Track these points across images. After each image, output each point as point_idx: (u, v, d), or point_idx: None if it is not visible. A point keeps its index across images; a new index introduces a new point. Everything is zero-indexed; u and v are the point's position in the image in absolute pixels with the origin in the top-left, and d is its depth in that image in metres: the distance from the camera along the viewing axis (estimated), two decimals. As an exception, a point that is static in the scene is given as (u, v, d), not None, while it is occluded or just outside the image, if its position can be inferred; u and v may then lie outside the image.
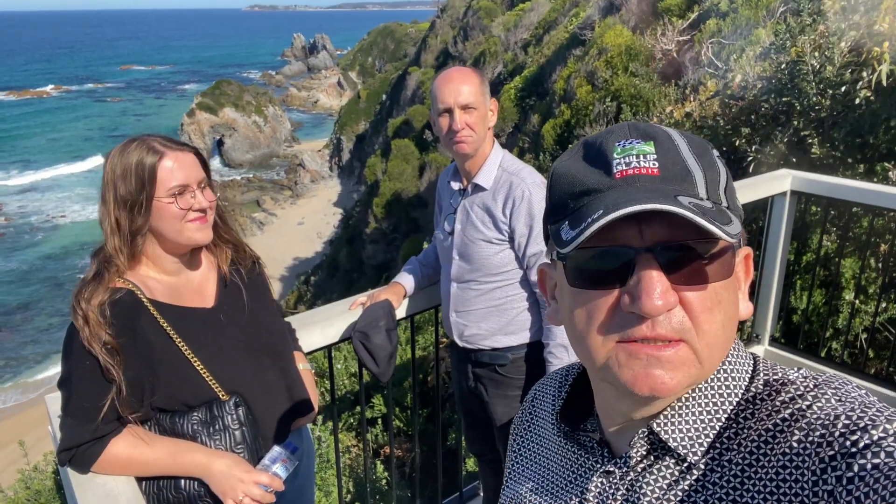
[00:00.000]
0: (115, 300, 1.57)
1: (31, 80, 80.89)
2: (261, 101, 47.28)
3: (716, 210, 0.65)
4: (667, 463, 0.71)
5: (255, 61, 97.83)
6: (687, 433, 0.70)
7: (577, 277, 0.69)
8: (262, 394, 1.77)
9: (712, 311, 0.66)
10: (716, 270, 0.66)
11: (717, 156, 0.72)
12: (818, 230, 3.92)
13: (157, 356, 1.62)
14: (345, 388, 5.16)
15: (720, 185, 0.69)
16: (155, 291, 1.67)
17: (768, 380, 0.72)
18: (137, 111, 63.09)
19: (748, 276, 0.75)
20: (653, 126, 0.71)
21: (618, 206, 0.62)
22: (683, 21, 11.45)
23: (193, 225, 1.65)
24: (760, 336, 4.01)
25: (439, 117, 2.23)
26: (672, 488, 0.70)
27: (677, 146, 0.69)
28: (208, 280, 1.81)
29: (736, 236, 0.64)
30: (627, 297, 0.65)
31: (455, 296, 2.39)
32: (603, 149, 0.69)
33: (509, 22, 22.65)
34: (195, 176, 1.66)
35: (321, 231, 34.18)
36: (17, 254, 32.25)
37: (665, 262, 0.64)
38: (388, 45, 56.18)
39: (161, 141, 1.66)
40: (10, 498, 3.03)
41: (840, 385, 0.68)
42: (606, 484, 0.76)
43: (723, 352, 0.69)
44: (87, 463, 1.57)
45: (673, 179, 0.66)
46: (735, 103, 5.16)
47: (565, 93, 13.21)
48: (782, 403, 0.68)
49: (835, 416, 0.62)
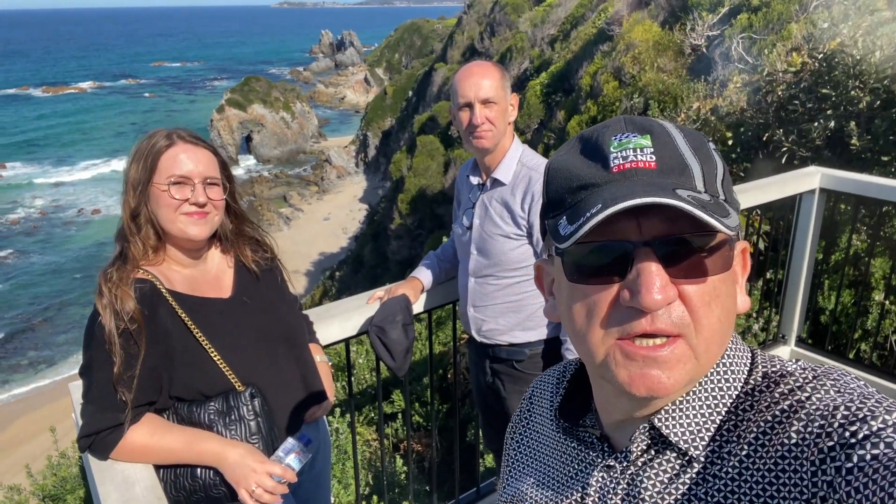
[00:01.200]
0: (135, 289, 1.60)
1: (66, 77, 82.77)
2: (289, 98, 47.69)
3: (714, 203, 0.65)
4: (668, 457, 0.71)
5: (283, 58, 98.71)
6: (688, 427, 0.70)
7: (575, 272, 0.69)
8: (277, 384, 1.79)
9: (710, 306, 0.66)
10: (714, 263, 0.66)
11: (713, 148, 0.71)
12: (847, 229, 3.83)
13: (175, 346, 1.65)
14: (366, 382, 5.19)
15: (717, 177, 0.69)
16: (174, 282, 1.70)
17: (767, 372, 0.72)
18: (169, 107, 64.15)
19: (745, 270, 0.75)
20: (649, 119, 0.71)
21: (616, 200, 0.62)
22: (714, 16, 11.25)
23: (187, 218, 1.66)
24: (787, 336, 3.94)
25: (459, 112, 2.23)
26: (673, 482, 0.70)
27: (674, 139, 0.68)
28: (225, 272, 1.83)
29: (734, 229, 0.64)
30: (627, 291, 0.65)
31: (473, 290, 2.39)
32: (600, 143, 0.69)
33: (536, 18, 22.49)
34: (201, 172, 1.67)
35: (346, 227, 34.40)
36: (52, 247, 33.08)
37: (664, 256, 0.64)
38: (414, 41, 56.23)
39: (180, 133, 1.69)
40: (37, 484, 3.12)
41: (839, 376, 0.68)
42: (607, 478, 0.76)
43: (720, 346, 0.69)
44: (106, 450, 1.60)
45: (670, 172, 0.66)
46: (767, 98, 5.05)
47: (592, 89, 13.09)
48: (781, 395, 0.68)
49: (834, 407, 0.62)
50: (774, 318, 3.97)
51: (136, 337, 1.57)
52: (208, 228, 1.71)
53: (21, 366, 23.19)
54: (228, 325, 1.74)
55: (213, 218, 1.72)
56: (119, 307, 1.56)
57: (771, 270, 4.12)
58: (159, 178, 1.64)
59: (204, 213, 1.68)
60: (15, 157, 46.82)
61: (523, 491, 0.89)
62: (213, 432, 1.67)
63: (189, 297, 1.70)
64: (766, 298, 4.11)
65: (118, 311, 1.56)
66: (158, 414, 1.68)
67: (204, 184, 1.68)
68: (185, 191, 1.65)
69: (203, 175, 1.68)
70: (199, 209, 1.67)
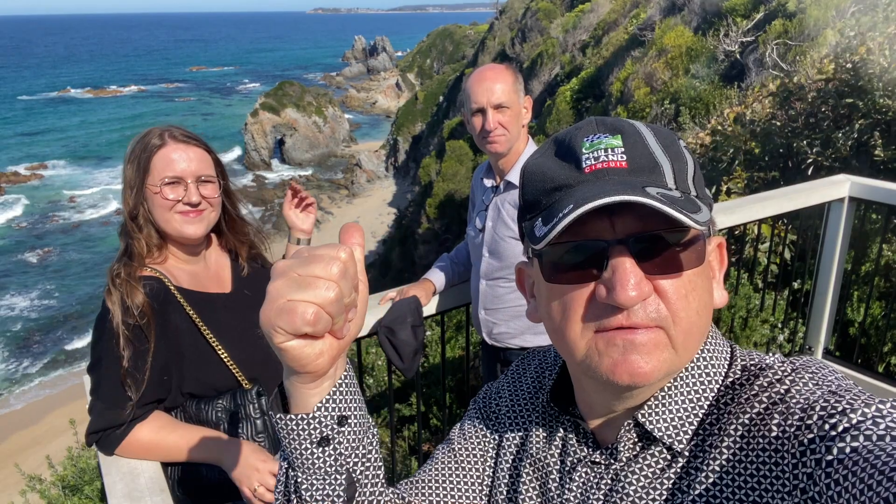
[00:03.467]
0: (143, 286, 1.62)
1: (108, 79, 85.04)
2: (321, 102, 48.24)
3: (684, 199, 0.67)
4: (652, 452, 0.73)
5: (317, 63, 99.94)
6: (671, 422, 0.71)
7: (552, 272, 0.71)
8: (279, 372, 1.79)
9: (687, 298, 0.67)
10: (688, 258, 0.67)
11: (683, 146, 0.73)
12: (878, 239, 3.72)
13: (185, 342, 1.67)
14: (385, 384, 5.21)
15: (688, 174, 0.70)
16: (179, 279, 1.73)
17: (746, 365, 0.73)
18: (204, 111, 65.40)
19: (723, 264, 0.76)
20: (619, 120, 0.73)
21: (587, 200, 0.63)
22: (748, 21, 11.06)
23: (182, 217, 1.68)
24: (814, 348, 3.84)
25: (473, 117, 2.23)
26: (658, 477, 0.71)
27: (644, 138, 0.70)
28: (224, 266, 1.86)
29: (705, 224, 0.64)
30: (603, 288, 0.66)
31: (484, 293, 2.38)
32: (572, 145, 0.71)
33: (568, 23, 22.39)
34: (193, 170, 1.68)
35: (375, 230, 34.60)
36: (90, 245, 33.94)
37: (637, 253, 0.66)
38: (446, 46, 56.43)
39: (172, 132, 1.70)
40: (58, 474, 3.20)
41: (817, 369, 0.68)
42: (591, 474, 0.77)
43: (698, 338, 0.70)
44: (112, 446, 1.62)
45: (641, 171, 0.68)
46: (796, 104, 4.95)
47: (622, 94, 12.97)
48: (761, 388, 0.69)
49: (813, 400, 0.63)
50: (801, 329, 3.87)
51: (146, 332, 1.59)
52: (204, 226, 1.73)
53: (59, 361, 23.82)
54: (233, 321, 1.76)
55: (208, 215, 1.73)
56: (130, 303, 1.58)
57: (798, 280, 4.02)
58: (152, 179, 1.66)
59: (199, 211, 1.70)
60: (56, 157, 48.21)
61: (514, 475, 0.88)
62: (220, 430, 1.68)
63: (195, 294, 1.72)
64: (793, 308, 4.01)
65: (128, 306, 1.57)
66: (167, 412, 1.69)
67: (197, 182, 1.69)
68: (178, 190, 1.66)
69: (196, 174, 1.69)
70: (193, 208, 1.68)
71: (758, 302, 3.91)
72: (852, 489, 0.54)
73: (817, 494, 0.57)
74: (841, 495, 0.55)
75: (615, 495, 0.73)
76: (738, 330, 3.85)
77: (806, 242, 3.90)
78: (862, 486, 0.53)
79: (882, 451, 0.54)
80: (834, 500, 0.55)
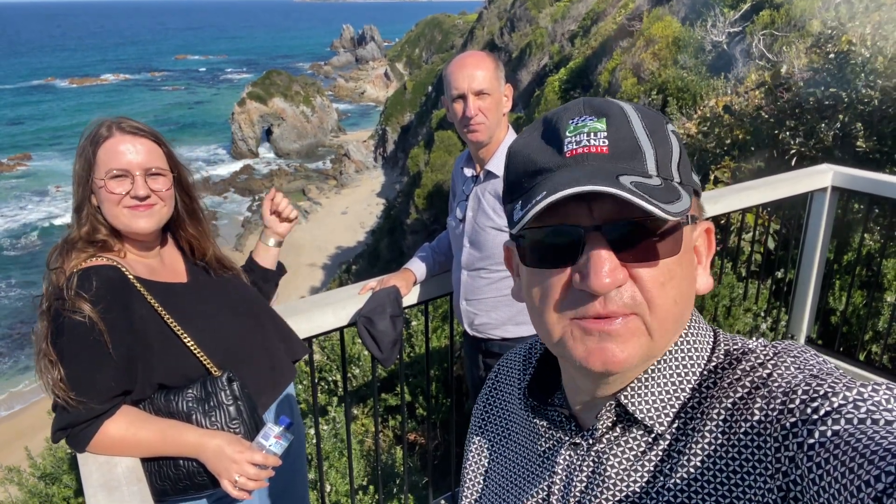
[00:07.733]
0: (100, 275, 1.56)
1: (90, 69, 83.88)
2: (309, 92, 47.88)
3: (664, 187, 0.66)
4: (634, 434, 0.73)
5: (305, 52, 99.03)
6: (653, 404, 0.72)
7: (530, 256, 0.71)
8: (249, 359, 1.78)
9: (664, 287, 0.67)
10: (666, 247, 0.67)
11: (671, 130, 0.72)
12: (860, 228, 3.75)
13: (149, 330, 1.62)
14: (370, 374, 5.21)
15: (672, 160, 0.69)
16: (137, 270, 1.68)
17: (729, 349, 0.74)
18: (191, 100, 64.72)
19: (710, 250, 0.76)
20: (608, 101, 0.71)
21: (561, 186, 0.63)
22: (735, 12, 11.07)
23: (130, 212, 1.62)
24: (796, 336, 3.87)
25: (453, 103, 2.21)
26: (639, 459, 0.72)
27: (630, 122, 0.69)
28: (177, 260, 1.83)
29: (681, 213, 0.64)
30: (578, 275, 0.66)
31: (465, 284, 2.37)
32: (557, 126, 0.71)
33: (557, 13, 22.33)
34: (140, 163, 1.63)
35: (364, 221, 34.48)
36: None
37: (613, 240, 0.65)
38: (435, 36, 56.14)
39: (120, 124, 1.64)
40: (35, 464, 3.17)
41: (799, 353, 0.69)
42: (574, 457, 0.77)
43: (675, 325, 0.70)
44: (81, 443, 1.56)
45: (621, 157, 0.67)
46: (780, 94, 4.96)
47: (610, 85, 12.97)
48: (743, 372, 0.69)
49: (795, 384, 0.64)
50: (783, 318, 3.90)
51: (104, 325, 1.51)
52: (155, 220, 1.66)
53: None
54: (193, 306, 1.72)
55: (159, 210, 1.67)
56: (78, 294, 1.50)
57: (781, 269, 4.05)
58: (98, 173, 1.60)
59: (148, 205, 1.63)
60: (41, 147, 47.60)
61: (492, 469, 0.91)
62: (192, 421, 1.64)
63: (154, 283, 1.68)
64: (776, 297, 4.04)
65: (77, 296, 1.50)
66: (135, 405, 1.64)
67: (145, 175, 1.62)
68: (124, 184, 1.60)
69: (143, 166, 1.62)
70: (141, 202, 1.62)
71: (741, 291, 3.93)
72: (834, 472, 0.54)
73: (799, 477, 0.58)
74: (822, 478, 0.55)
75: (597, 477, 0.73)
76: (722, 318, 3.87)
77: (789, 232, 3.93)
78: (843, 469, 0.53)
79: (863, 435, 0.54)
80: (816, 482, 0.56)
